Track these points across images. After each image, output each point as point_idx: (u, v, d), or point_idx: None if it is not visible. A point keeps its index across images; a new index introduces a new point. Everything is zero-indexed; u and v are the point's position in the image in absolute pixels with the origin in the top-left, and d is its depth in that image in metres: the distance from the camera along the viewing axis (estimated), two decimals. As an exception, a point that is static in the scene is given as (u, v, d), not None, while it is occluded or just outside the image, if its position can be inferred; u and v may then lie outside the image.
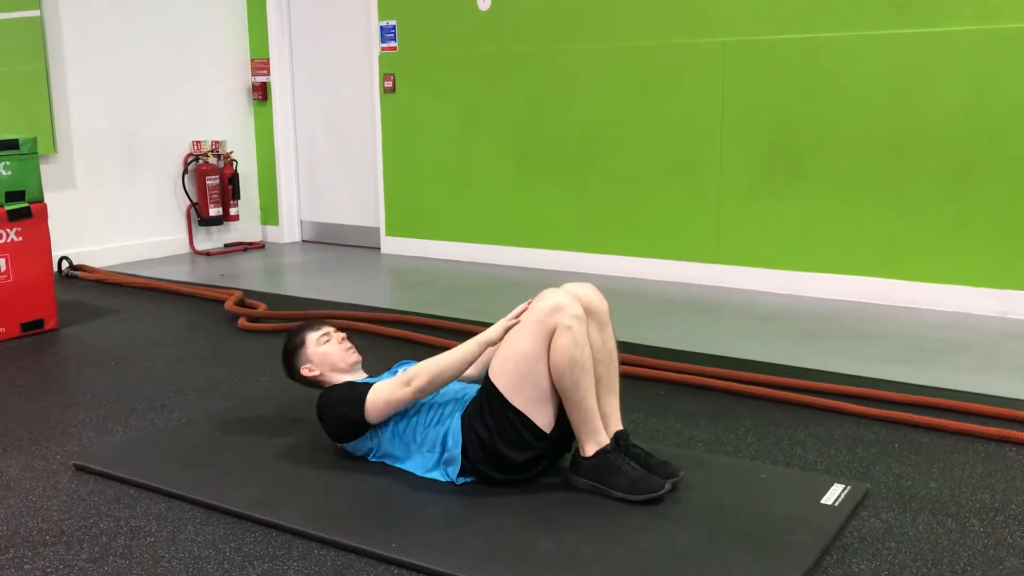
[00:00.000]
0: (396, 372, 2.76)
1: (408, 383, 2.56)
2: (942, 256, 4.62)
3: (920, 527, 2.39)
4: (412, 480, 2.61)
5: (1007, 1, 4.31)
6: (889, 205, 4.72)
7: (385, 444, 2.68)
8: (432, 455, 2.61)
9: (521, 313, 2.54)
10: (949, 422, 3.05)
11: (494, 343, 2.57)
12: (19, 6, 5.61)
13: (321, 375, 2.81)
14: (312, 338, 2.82)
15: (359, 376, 2.83)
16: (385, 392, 2.59)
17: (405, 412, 2.65)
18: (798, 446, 2.94)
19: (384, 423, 2.65)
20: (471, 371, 2.69)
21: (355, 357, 2.83)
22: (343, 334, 2.87)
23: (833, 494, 2.52)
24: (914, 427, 3.08)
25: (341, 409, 2.65)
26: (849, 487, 2.56)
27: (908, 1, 4.54)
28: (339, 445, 2.76)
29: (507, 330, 2.54)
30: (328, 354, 2.80)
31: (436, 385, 2.58)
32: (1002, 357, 3.86)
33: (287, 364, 2.86)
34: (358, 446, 2.71)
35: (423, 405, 2.66)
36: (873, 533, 2.35)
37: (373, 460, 2.72)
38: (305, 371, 2.82)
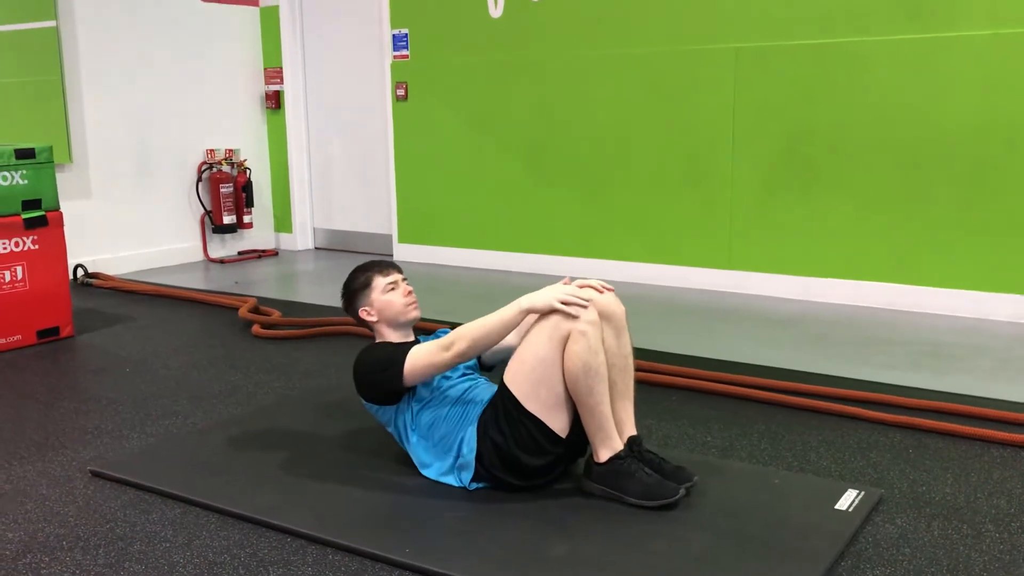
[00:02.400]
0: (439, 337, 2.68)
1: (448, 347, 2.50)
2: (956, 261, 4.60)
3: (935, 533, 2.38)
4: (426, 485, 2.61)
5: (1021, 5, 4.30)
6: (903, 210, 4.71)
7: (407, 425, 2.64)
8: (448, 458, 2.61)
9: (574, 297, 2.45)
10: (964, 427, 3.04)
11: (536, 312, 2.48)
12: (36, 17, 5.66)
13: (377, 322, 2.74)
14: (380, 283, 2.73)
15: (409, 337, 2.76)
16: (425, 355, 2.53)
17: (432, 400, 2.62)
18: (812, 451, 2.93)
19: (411, 404, 2.61)
20: (513, 338, 2.62)
21: (416, 313, 2.75)
22: (410, 287, 2.78)
23: (847, 499, 2.51)
24: (929, 432, 3.07)
25: (379, 368, 2.58)
26: (863, 492, 2.55)
27: (921, 6, 4.53)
28: (364, 404, 2.70)
29: (553, 310, 2.45)
30: (392, 303, 2.72)
31: (477, 350, 2.51)
32: (1017, 362, 3.84)
33: (348, 299, 2.77)
34: (382, 413, 2.67)
35: (450, 399, 2.62)
36: (888, 539, 2.34)
37: (390, 431, 2.69)
38: (363, 313, 2.74)
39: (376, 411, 2.69)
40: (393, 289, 2.74)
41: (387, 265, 2.79)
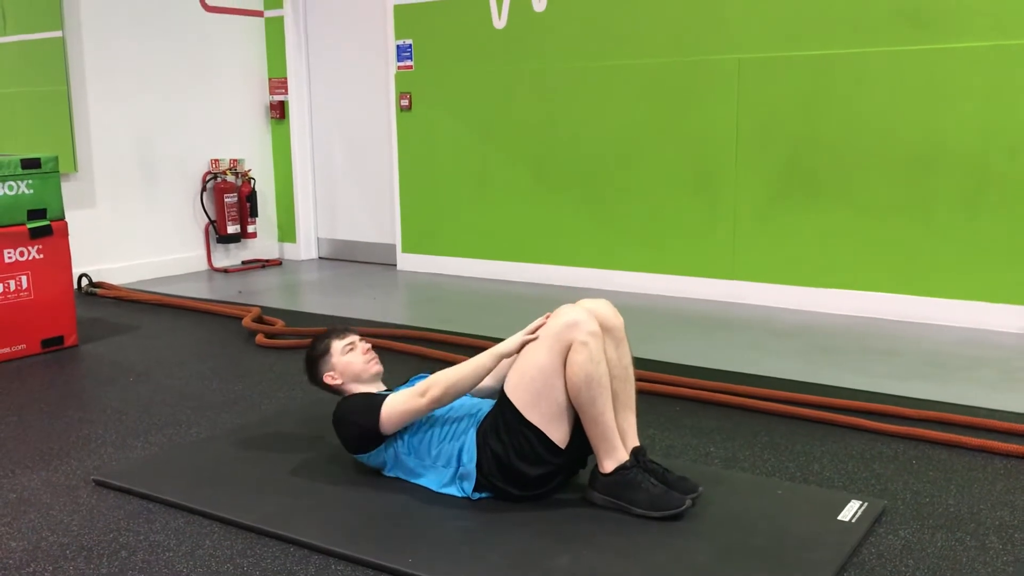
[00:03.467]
0: (413, 384, 2.77)
1: (423, 394, 2.57)
2: (959, 272, 4.60)
3: (938, 544, 2.38)
4: (429, 495, 2.62)
5: (1022, 16, 4.31)
6: (906, 221, 4.71)
7: (400, 458, 2.68)
8: (447, 470, 2.62)
9: (538, 328, 2.55)
10: (968, 438, 3.03)
11: (509, 355, 2.58)
12: (42, 27, 5.69)
13: (343, 384, 2.82)
14: (337, 347, 2.83)
15: (378, 388, 2.84)
16: (400, 403, 2.60)
17: (419, 426, 2.66)
18: (815, 462, 2.93)
19: (398, 436, 2.66)
20: (486, 382, 2.70)
21: (377, 368, 2.85)
22: (367, 344, 2.89)
23: (850, 511, 2.51)
24: (932, 443, 3.07)
25: (357, 419, 2.66)
26: (866, 504, 2.55)
27: (924, 17, 4.55)
28: (354, 456, 2.77)
29: (523, 344, 2.55)
30: (351, 363, 2.81)
31: (451, 396, 2.58)
32: (1021, 373, 3.84)
33: (310, 369, 2.87)
34: (372, 458, 2.72)
35: (437, 420, 2.66)
36: (891, 550, 2.34)
37: (388, 475, 2.73)
38: (327, 379, 2.83)
39: (367, 459, 2.73)
40: (351, 350, 2.83)
41: (341, 330, 2.91)
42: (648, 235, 5.51)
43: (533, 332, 2.55)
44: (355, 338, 2.88)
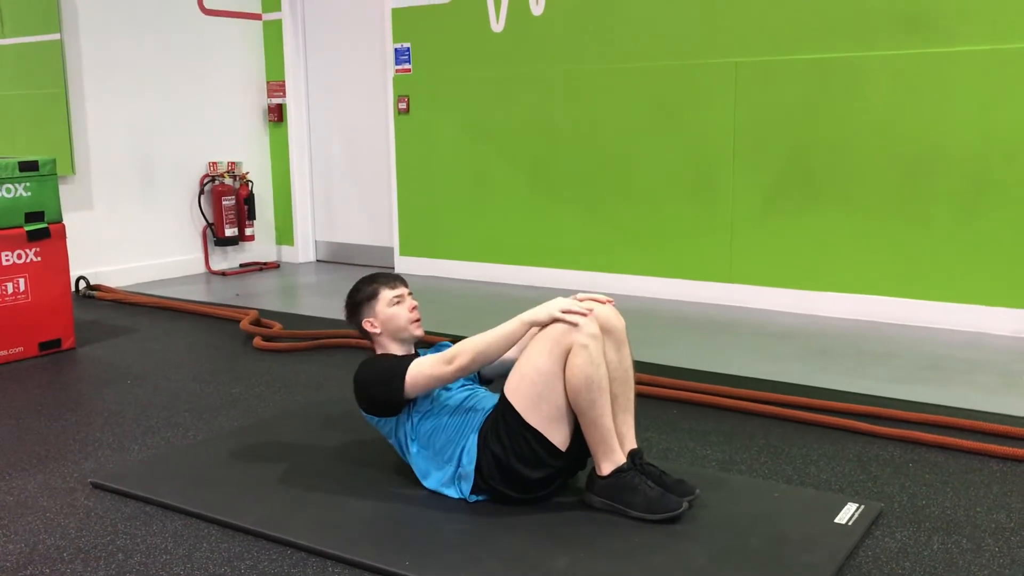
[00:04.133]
0: (440, 350, 2.70)
1: (450, 361, 2.51)
2: (956, 275, 4.61)
3: (935, 547, 2.38)
4: (426, 498, 2.62)
5: (1020, 21, 4.32)
6: (903, 224, 4.72)
7: (405, 436, 2.64)
8: (448, 468, 2.61)
9: (568, 310, 2.47)
10: (964, 441, 3.04)
11: (538, 325, 2.51)
12: (40, 30, 5.69)
13: (380, 335, 2.73)
14: (387, 295, 2.72)
15: (410, 351, 2.76)
16: (427, 368, 2.54)
17: (431, 412, 2.62)
18: (811, 465, 2.94)
19: (410, 417, 2.61)
20: (513, 352, 2.62)
21: (419, 331, 2.75)
22: (415, 303, 2.78)
23: (847, 513, 2.51)
24: (929, 446, 3.07)
25: (381, 379, 2.58)
26: (863, 506, 2.56)
27: (921, 21, 4.56)
28: (362, 414, 2.70)
29: (553, 320, 2.47)
30: (396, 317, 2.71)
31: (479, 364, 2.52)
32: (1018, 376, 3.85)
33: (352, 310, 2.77)
34: (382, 423, 2.68)
35: (450, 407, 2.62)
36: (887, 552, 2.35)
37: (390, 442, 2.70)
38: (367, 325, 2.73)
39: (376, 423, 2.69)
40: (399, 303, 2.74)
41: (393, 278, 2.79)
42: (646, 238, 5.52)
43: (566, 312, 2.47)
44: (405, 291, 2.76)
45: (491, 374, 2.81)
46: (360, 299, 2.76)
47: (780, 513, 2.54)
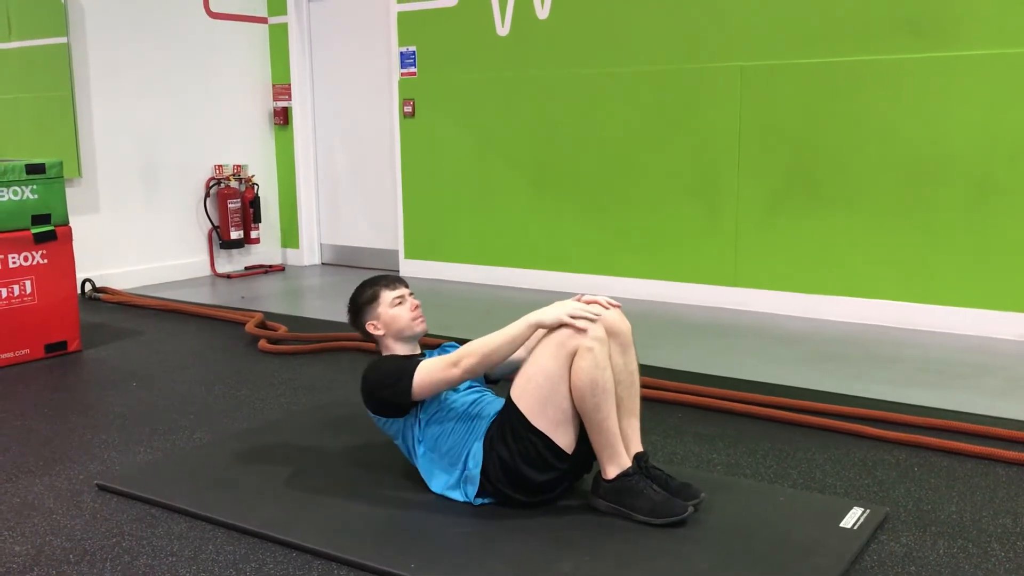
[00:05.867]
0: (446, 351, 2.71)
1: (457, 364, 2.51)
2: (962, 279, 4.60)
3: (940, 551, 2.38)
4: (431, 501, 2.62)
5: (1025, 25, 4.33)
6: (908, 228, 4.71)
7: (413, 438, 2.64)
8: (454, 471, 2.61)
9: (575, 314, 2.46)
10: (970, 446, 3.04)
11: (544, 327, 2.51)
12: (47, 33, 5.71)
13: (383, 336, 2.75)
14: (387, 297, 2.75)
15: (414, 350, 2.78)
16: (434, 370, 2.54)
17: (439, 416, 2.62)
18: (817, 469, 2.93)
19: (418, 419, 2.62)
20: (521, 352, 2.61)
21: (422, 327, 2.76)
22: (417, 301, 2.80)
23: (852, 517, 2.51)
24: (934, 451, 3.07)
25: (388, 380, 2.58)
26: (868, 511, 2.55)
27: (925, 26, 4.56)
28: (370, 415, 2.71)
29: (561, 324, 2.47)
30: (398, 317, 2.73)
31: (485, 366, 2.53)
32: (1023, 381, 3.84)
33: (354, 313, 2.79)
34: (389, 425, 2.68)
35: (461, 412, 2.62)
36: (892, 557, 2.34)
37: (397, 444, 2.71)
38: (370, 327, 2.75)
39: (383, 424, 2.70)
40: (400, 303, 2.75)
41: (394, 279, 2.82)
42: (651, 242, 5.51)
43: (575, 316, 2.46)
44: (405, 291, 2.79)
45: (498, 375, 2.82)
46: (362, 302, 2.78)
47: (785, 517, 2.54)
